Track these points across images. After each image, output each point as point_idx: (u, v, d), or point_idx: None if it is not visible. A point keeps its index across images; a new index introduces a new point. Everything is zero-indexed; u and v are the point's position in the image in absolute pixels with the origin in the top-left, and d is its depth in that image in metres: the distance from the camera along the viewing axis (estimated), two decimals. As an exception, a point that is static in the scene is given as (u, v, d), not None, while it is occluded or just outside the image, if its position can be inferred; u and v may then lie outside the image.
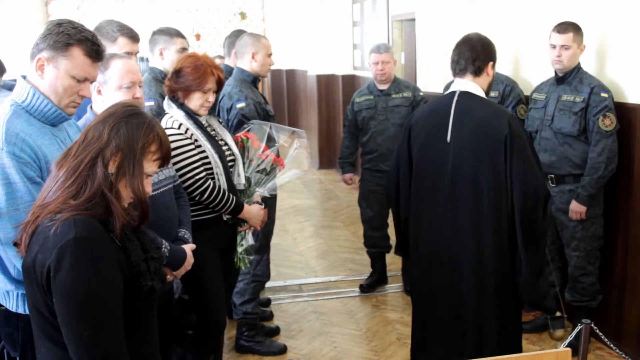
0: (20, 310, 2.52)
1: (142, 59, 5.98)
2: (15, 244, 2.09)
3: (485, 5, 5.63)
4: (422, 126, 3.54)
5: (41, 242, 1.94)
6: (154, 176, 2.98)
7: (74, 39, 2.46)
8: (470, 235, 3.40)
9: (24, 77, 2.53)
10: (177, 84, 3.44)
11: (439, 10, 6.54)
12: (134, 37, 4.07)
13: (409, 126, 3.60)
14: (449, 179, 3.41)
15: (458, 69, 3.52)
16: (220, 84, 3.55)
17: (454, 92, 3.48)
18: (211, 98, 3.51)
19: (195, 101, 3.46)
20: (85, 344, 1.89)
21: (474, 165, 3.35)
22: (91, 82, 2.61)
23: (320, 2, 10.86)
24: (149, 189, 2.13)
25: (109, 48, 3.79)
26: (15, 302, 2.53)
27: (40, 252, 1.92)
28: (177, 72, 3.45)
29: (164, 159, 2.17)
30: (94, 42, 2.51)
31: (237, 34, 5.20)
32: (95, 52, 2.52)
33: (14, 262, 2.42)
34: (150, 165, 2.12)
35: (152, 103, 4.14)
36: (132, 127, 2.06)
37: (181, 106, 3.46)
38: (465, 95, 3.45)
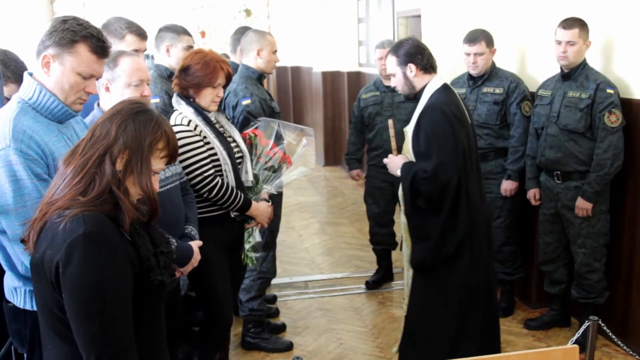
0: (28, 307, 2.53)
1: (147, 56, 5.98)
2: (23, 241, 2.09)
3: (491, 1, 5.61)
4: (462, 115, 3.71)
5: (50, 238, 1.94)
6: (160, 173, 3.00)
7: (79, 36, 2.46)
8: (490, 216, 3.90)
9: (31, 75, 2.54)
10: (186, 81, 3.44)
11: (444, 7, 6.52)
12: (141, 34, 4.08)
13: (457, 119, 3.65)
14: (476, 161, 3.75)
15: (435, 65, 3.83)
16: (228, 78, 3.56)
17: (446, 84, 3.79)
18: (221, 93, 3.52)
19: (207, 97, 3.47)
20: (94, 339, 1.90)
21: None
22: (97, 79, 2.61)
23: (325, -2, 10.86)
24: (156, 185, 2.13)
25: (117, 45, 3.80)
26: (22, 299, 2.54)
27: (49, 248, 1.92)
28: (186, 70, 3.45)
29: (171, 156, 2.17)
30: (99, 39, 2.51)
31: (243, 30, 5.19)
32: (100, 49, 2.52)
33: (22, 258, 2.42)
34: (157, 163, 2.12)
35: (157, 100, 4.14)
36: (139, 125, 2.06)
37: (190, 103, 3.46)
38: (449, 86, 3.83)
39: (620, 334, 4.08)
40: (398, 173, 3.75)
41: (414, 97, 3.81)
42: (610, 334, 3.42)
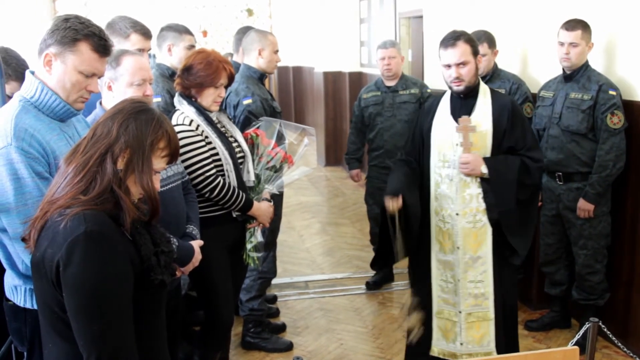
0: (28, 305, 2.53)
1: (149, 55, 5.97)
2: (24, 240, 2.09)
3: (492, 2, 5.61)
4: None
5: (50, 237, 1.94)
6: (162, 172, 2.99)
7: (81, 34, 2.46)
8: None
9: (32, 73, 2.54)
10: (189, 81, 3.44)
11: (446, 8, 6.53)
12: (146, 33, 4.09)
13: None
14: None
15: None
16: (231, 78, 3.56)
17: None
18: (223, 93, 3.52)
19: (208, 97, 3.46)
20: (94, 338, 1.89)
21: None
22: (99, 77, 2.61)
23: (327, -1, 10.87)
24: (157, 185, 2.13)
25: (121, 44, 3.80)
26: (23, 297, 2.54)
27: (50, 247, 1.92)
28: (188, 69, 3.45)
29: (173, 156, 2.17)
30: (101, 37, 2.51)
31: (245, 30, 5.19)
32: (102, 47, 2.52)
33: (22, 257, 2.42)
34: (158, 162, 2.12)
35: (159, 99, 4.14)
36: (141, 124, 2.06)
37: (192, 102, 3.46)
38: None
39: (621, 335, 4.08)
40: (484, 171, 3.64)
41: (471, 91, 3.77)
42: (610, 336, 3.42)
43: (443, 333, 3.91)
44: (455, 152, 3.70)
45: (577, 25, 4.29)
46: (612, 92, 4.22)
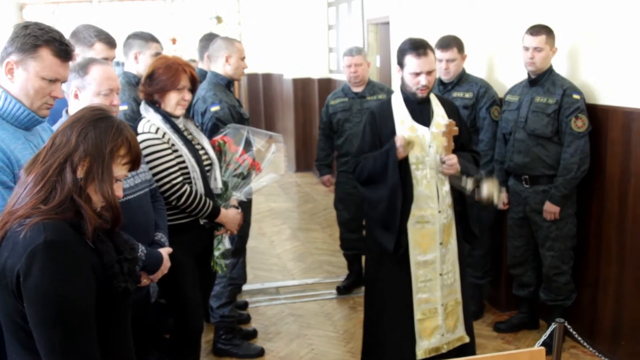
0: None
1: (117, 63, 5.95)
2: None
3: (458, 8, 5.66)
4: None
5: (11, 247, 1.92)
6: (130, 180, 2.99)
7: (41, 40, 2.46)
8: None
9: (-5, 83, 2.53)
10: (151, 87, 3.44)
11: (412, 14, 6.57)
12: (111, 42, 4.08)
13: None
14: None
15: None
16: (194, 81, 3.54)
17: None
18: (187, 96, 3.50)
19: (172, 100, 3.45)
20: (57, 348, 1.88)
21: None
22: (62, 82, 2.60)
23: (296, 6, 10.87)
24: (119, 192, 2.12)
25: (86, 53, 3.79)
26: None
27: (10, 258, 1.91)
28: (150, 76, 3.45)
29: (134, 163, 2.16)
30: (62, 42, 2.51)
31: (209, 37, 5.20)
32: (64, 52, 2.51)
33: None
34: (119, 169, 2.10)
35: (125, 107, 4.13)
36: (100, 132, 2.04)
37: (158, 110, 3.45)
38: None
39: (587, 335, 4.14)
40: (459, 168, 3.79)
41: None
42: (576, 336, 3.46)
43: (425, 333, 3.92)
44: (428, 154, 3.78)
45: (541, 30, 4.35)
46: (576, 96, 4.29)
